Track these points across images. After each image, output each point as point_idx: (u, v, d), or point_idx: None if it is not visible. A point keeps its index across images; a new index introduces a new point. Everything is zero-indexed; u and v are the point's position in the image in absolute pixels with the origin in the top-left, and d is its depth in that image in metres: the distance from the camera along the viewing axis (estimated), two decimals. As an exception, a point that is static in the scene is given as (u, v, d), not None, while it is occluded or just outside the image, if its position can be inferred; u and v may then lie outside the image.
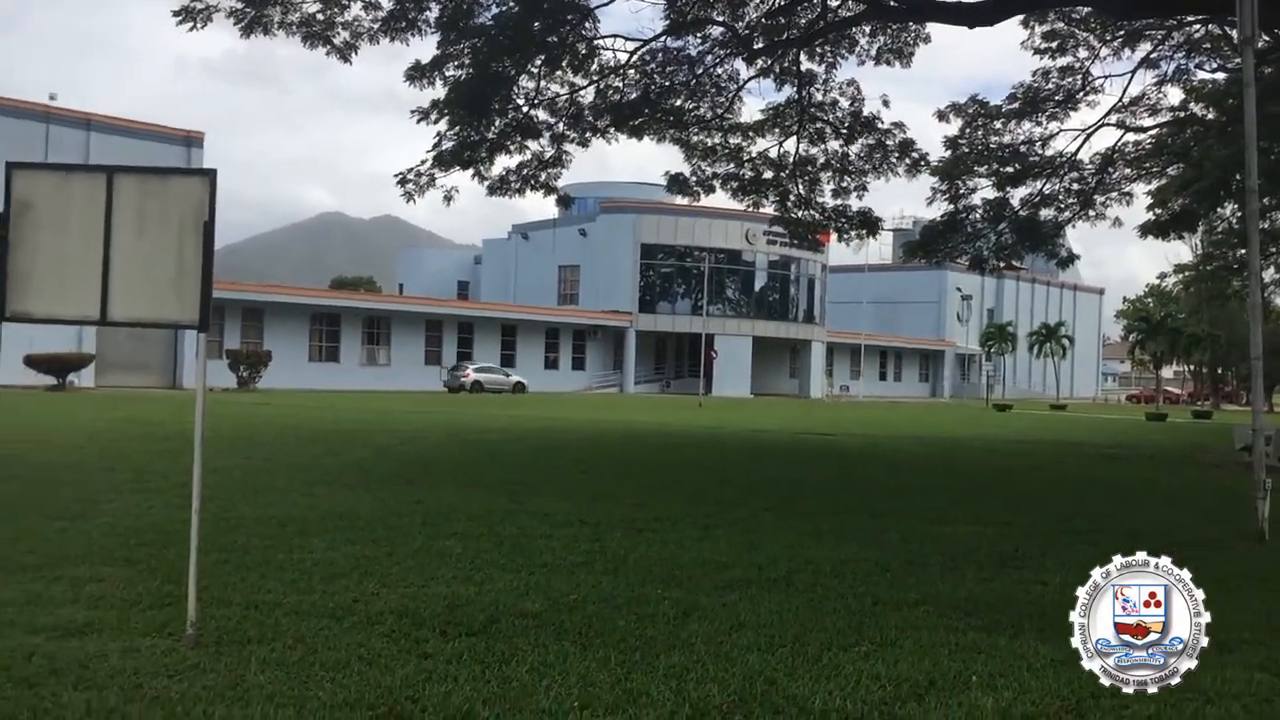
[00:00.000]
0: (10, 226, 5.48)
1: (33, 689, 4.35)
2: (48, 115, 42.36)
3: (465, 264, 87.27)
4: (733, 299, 72.66)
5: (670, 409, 40.95)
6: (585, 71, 19.11)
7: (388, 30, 16.50)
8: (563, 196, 21.70)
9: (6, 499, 5.60)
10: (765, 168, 22.56)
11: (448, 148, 18.39)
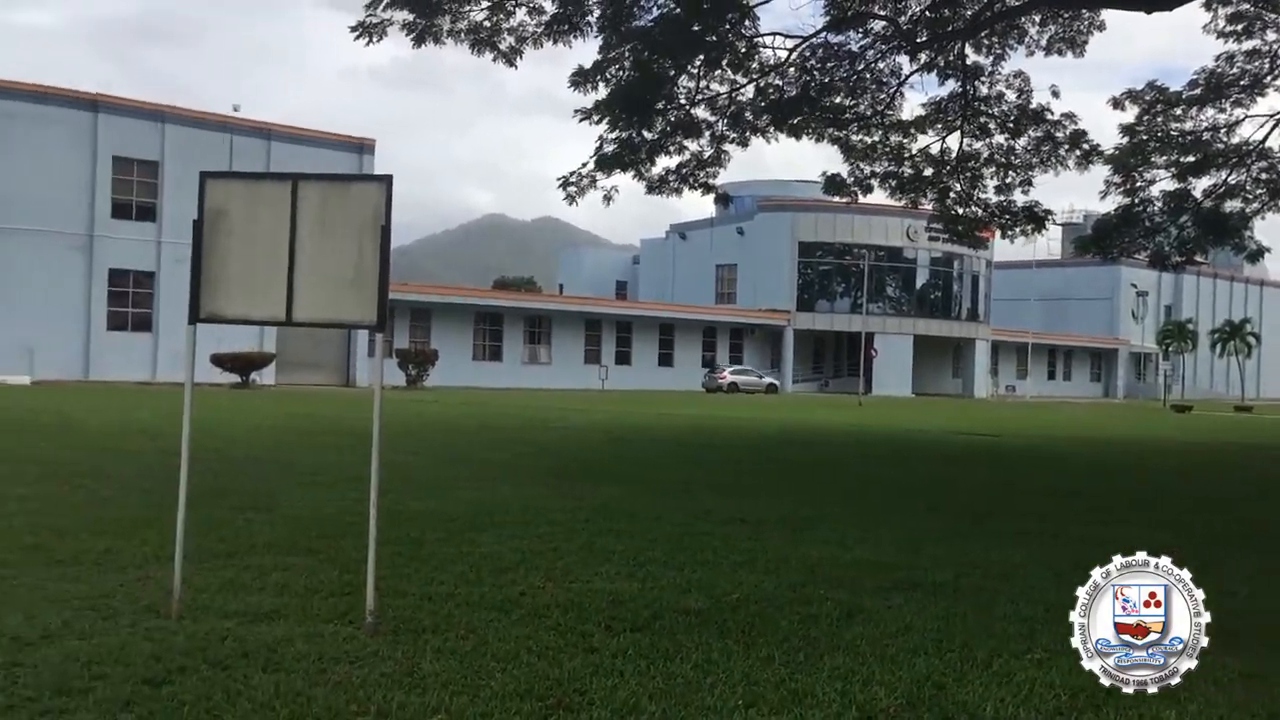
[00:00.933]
0: (204, 233, 5.81)
1: (225, 670, 4.60)
2: (232, 126, 44.65)
3: (623, 264, 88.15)
4: (893, 297, 71.41)
5: (829, 408, 40.51)
6: (745, 70, 19.07)
7: (551, 34, 16.80)
8: (721, 195, 21.69)
9: (200, 491, 5.99)
10: (925, 164, 22.08)
11: (609, 150, 18.61)
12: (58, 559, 6.72)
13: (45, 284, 39.92)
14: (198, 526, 7.39)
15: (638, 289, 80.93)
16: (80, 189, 41.06)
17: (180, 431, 5.89)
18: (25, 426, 16.97)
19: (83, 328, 41.25)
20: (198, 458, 5.91)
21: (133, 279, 42.67)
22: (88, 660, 4.64)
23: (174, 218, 42.15)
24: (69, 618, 5.33)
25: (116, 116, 42.03)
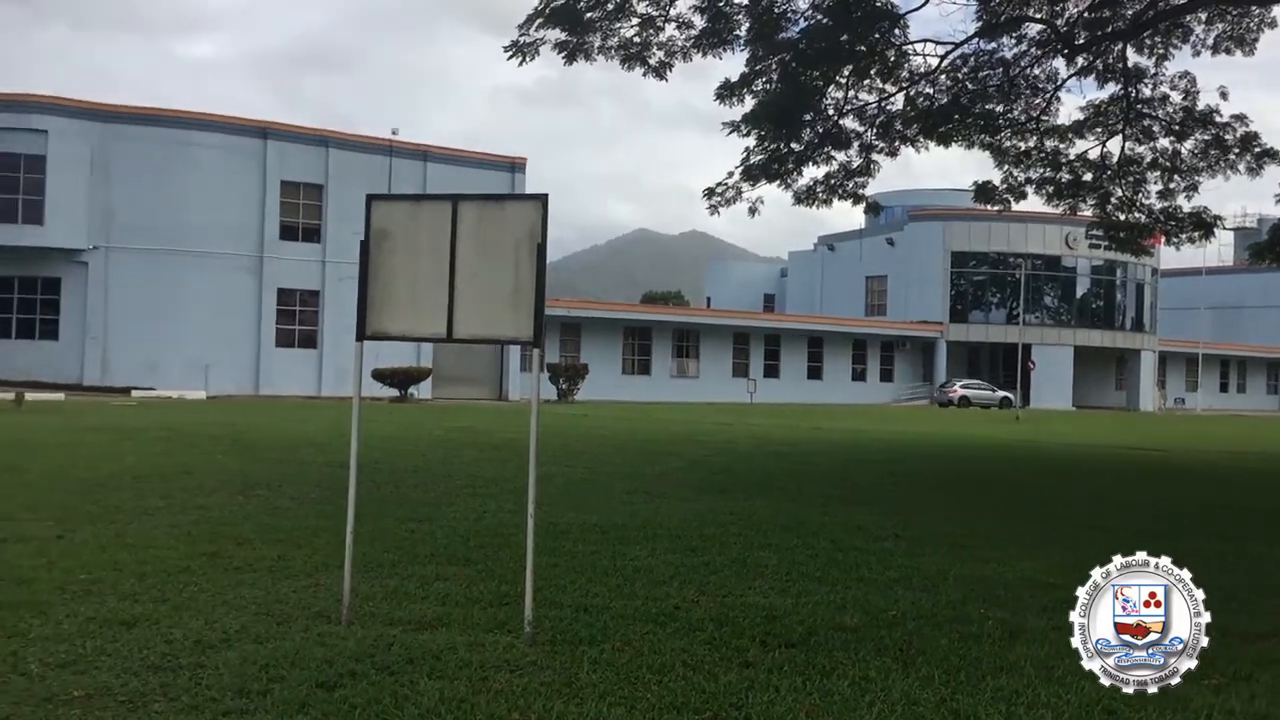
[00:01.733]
0: (370, 253, 6.04)
1: (393, 676, 4.76)
2: (391, 149, 46.22)
3: (771, 277, 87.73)
4: (1051, 307, 69.10)
5: (985, 422, 39.47)
6: (894, 78, 18.82)
7: (700, 47, 16.91)
8: (871, 204, 21.41)
9: (365, 502, 6.23)
10: (1084, 170, 21.35)
11: (756, 161, 18.60)
12: (235, 566, 7.06)
13: (219, 303, 41.99)
14: (364, 536, 7.66)
15: (785, 302, 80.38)
16: (251, 212, 43.10)
17: (345, 444, 6.13)
18: (203, 439, 17.87)
19: (253, 344, 43.22)
20: (363, 469, 6.13)
21: (299, 298, 44.50)
22: (265, 663, 4.86)
23: (337, 238, 43.82)
24: (246, 622, 5.60)
25: (284, 143, 43.98)
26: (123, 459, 14.03)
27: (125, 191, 40.96)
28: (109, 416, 24.06)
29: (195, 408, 30.87)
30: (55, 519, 8.75)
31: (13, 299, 40.96)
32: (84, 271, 40.75)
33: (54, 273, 40.79)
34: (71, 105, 41.17)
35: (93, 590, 6.22)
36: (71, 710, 4.23)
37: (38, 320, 41.05)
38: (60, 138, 40.20)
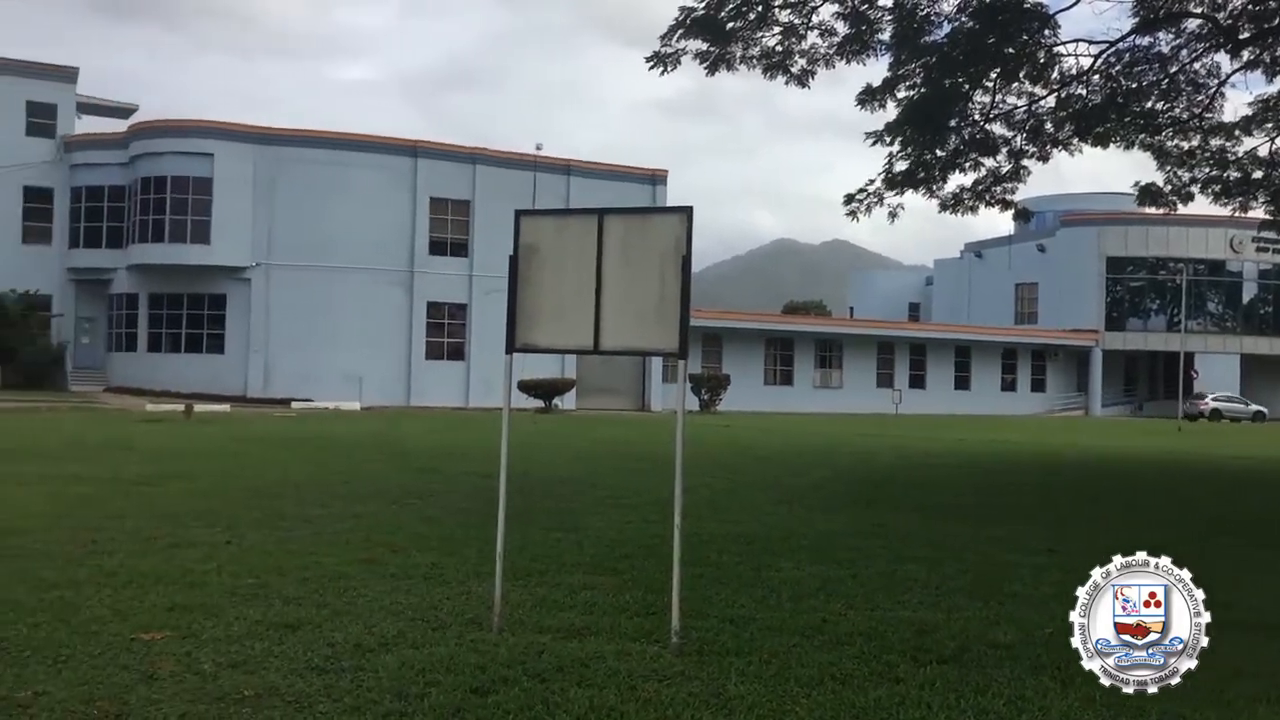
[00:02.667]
0: (519, 267, 6.17)
1: (544, 683, 4.84)
2: (535, 164, 47.09)
3: (915, 285, 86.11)
4: (1215, 313, 66.02)
5: (1141, 433, 37.92)
6: (1045, 80, 18.26)
7: (842, 54, 16.74)
8: (1021, 210, 20.83)
9: (514, 512, 6.36)
10: (1254, 167, 20.36)
11: (899, 169, 18.30)
12: (391, 573, 7.28)
13: (372, 317, 43.43)
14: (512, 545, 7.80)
15: (931, 310, 78.79)
16: (402, 229, 44.46)
17: (492, 454, 6.26)
18: (358, 450, 18.49)
19: (404, 357, 44.53)
20: (510, 479, 6.26)
21: (447, 311, 45.68)
22: (421, 668, 5.00)
23: (483, 253, 44.84)
24: (402, 628, 5.77)
25: (433, 160, 45.26)
26: (284, 468, 14.62)
27: (285, 211, 42.74)
28: (270, 427, 25.10)
29: (350, 418, 31.95)
30: (223, 525, 9.17)
31: (182, 315, 43.14)
32: (247, 288, 42.65)
33: (219, 290, 42.81)
34: (235, 129, 43.18)
35: (259, 594, 6.50)
36: (243, 709, 4.43)
37: (205, 335, 43.13)
38: (225, 161, 42.22)
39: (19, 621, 5.66)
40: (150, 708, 4.41)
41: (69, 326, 46.07)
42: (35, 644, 5.26)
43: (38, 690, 4.57)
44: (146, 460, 15.19)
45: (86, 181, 45.36)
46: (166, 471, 13.63)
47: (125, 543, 8.16)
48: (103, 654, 5.13)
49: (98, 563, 7.30)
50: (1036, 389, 64.12)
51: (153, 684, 4.70)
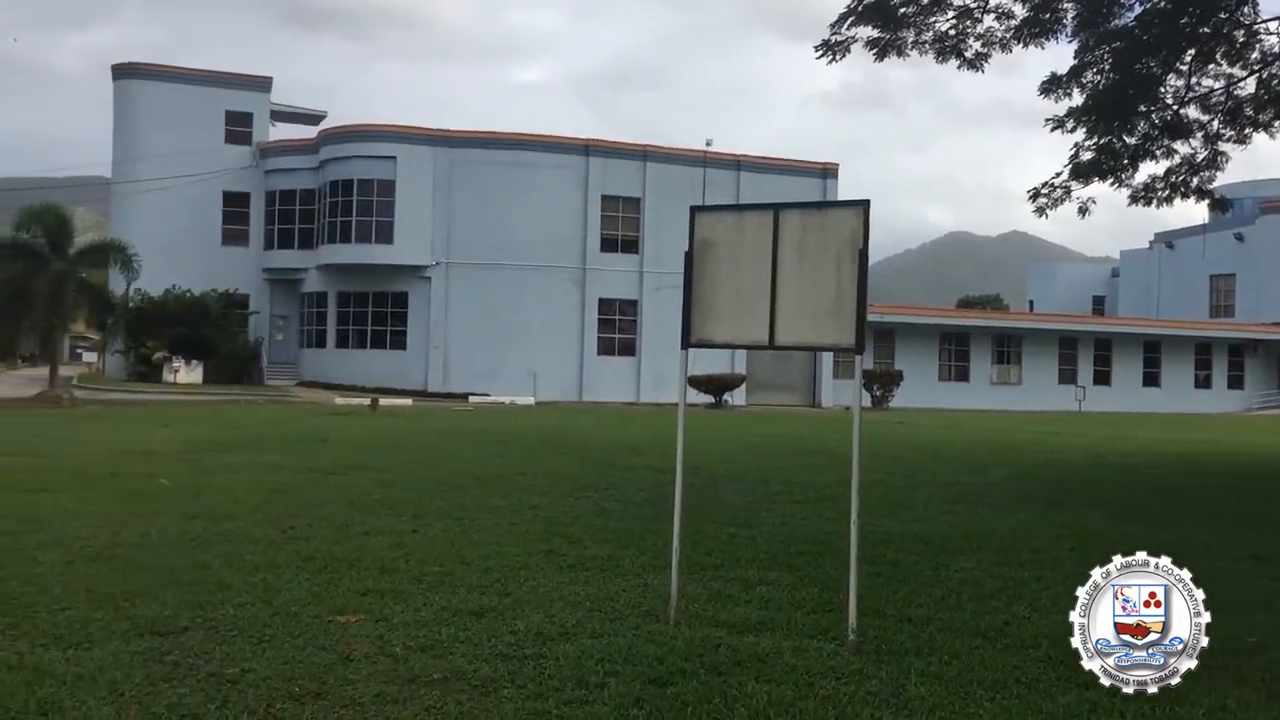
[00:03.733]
0: (694, 263, 6.20)
1: (721, 677, 4.87)
2: (705, 160, 47.19)
3: (1100, 278, 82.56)
4: None
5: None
6: (1243, 61, 17.26)
7: (1020, 38, 16.21)
8: (1219, 199, 19.74)
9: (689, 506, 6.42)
10: None
11: (1085, 158, 17.58)
12: (569, 564, 7.43)
13: (547, 314, 44.31)
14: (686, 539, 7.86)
15: (1117, 304, 75.39)
16: (575, 227, 45.22)
17: (665, 449, 6.32)
18: (535, 443, 18.91)
19: (577, 353, 45.29)
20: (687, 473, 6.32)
21: (618, 307, 46.24)
22: (601, 658, 5.10)
23: (654, 249, 45.22)
24: (581, 618, 5.89)
25: (605, 159, 45.88)
26: (465, 460, 15.08)
27: (463, 210, 44.03)
28: (450, 421, 25.93)
29: (525, 413, 32.72)
30: (410, 514, 9.53)
31: (367, 312, 44.96)
32: (427, 286, 44.12)
33: (402, 288, 44.41)
34: (416, 132, 44.71)
35: (445, 581, 6.73)
36: (432, 691, 4.60)
37: (388, 332, 44.83)
38: (407, 163, 43.77)
39: (227, 602, 6.02)
40: (347, 687, 4.63)
41: (264, 324, 48.61)
42: (241, 624, 5.58)
43: (245, 667, 4.85)
44: (337, 451, 15.90)
45: (280, 186, 47.77)
46: (355, 462, 14.25)
47: (320, 529, 8.58)
48: (302, 635, 5.41)
49: (295, 548, 7.69)
50: (1234, 386, 60.59)
51: (348, 665, 4.94)
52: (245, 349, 46.57)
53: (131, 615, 5.67)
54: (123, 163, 47.68)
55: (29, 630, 5.35)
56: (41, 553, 7.30)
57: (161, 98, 47.23)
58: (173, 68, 49.32)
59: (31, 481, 11.20)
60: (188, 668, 4.82)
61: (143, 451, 15.04)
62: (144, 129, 47.04)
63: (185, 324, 43.87)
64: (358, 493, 10.99)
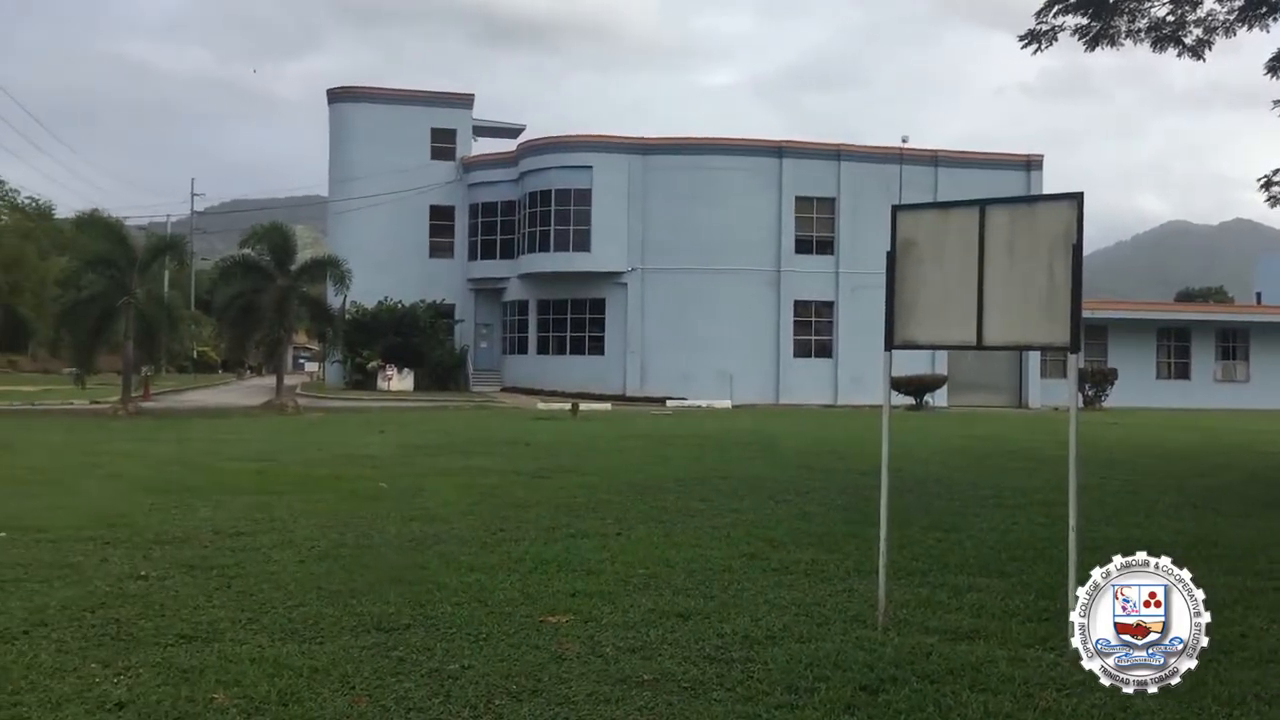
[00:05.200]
0: (896, 263, 6.09)
1: (934, 685, 4.76)
2: (901, 156, 46.22)
3: (1338, 265, 76.60)
4: None
5: None
6: None
7: (1245, 19, 15.25)
8: None
9: (894, 509, 6.29)
10: None
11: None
12: (772, 567, 7.41)
13: (742, 317, 44.30)
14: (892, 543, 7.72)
15: (1358, 293, 69.80)
16: (769, 229, 45.04)
17: (864, 452, 6.23)
18: (733, 446, 18.93)
19: (772, 355, 45.08)
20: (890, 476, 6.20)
21: (814, 309, 45.77)
22: (809, 663, 5.06)
23: (849, 249, 44.62)
24: (788, 622, 5.86)
25: (797, 159, 45.52)
26: (664, 463, 15.24)
27: (657, 216, 44.50)
28: (648, 425, 26.24)
29: (722, 416, 32.79)
30: (613, 517, 9.70)
31: (566, 319, 46.00)
32: (624, 292, 44.79)
33: (599, 294, 45.24)
34: (611, 141, 45.46)
35: (650, 584, 6.82)
36: (643, 692, 4.67)
37: (587, 337, 45.74)
38: (603, 171, 44.55)
39: (444, 601, 6.26)
40: (560, 685, 4.75)
41: (469, 332, 50.37)
42: (458, 622, 5.80)
43: (464, 664, 5.04)
44: (541, 455, 16.32)
45: (482, 198, 49.42)
46: (559, 465, 14.59)
47: (529, 531, 8.82)
48: (515, 633, 5.58)
49: (506, 549, 7.94)
50: None
51: (561, 664, 5.06)
52: (452, 357, 48.32)
53: (358, 612, 5.97)
54: (338, 182, 50.30)
55: (268, 625, 5.71)
56: (275, 552, 7.77)
57: (372, 118, 49.62)
58: (382, 90, 51.71)
59: (264, 484, 11.93)
60: (411, 663, 5.05)
61: (361, 456, 15.82)
62: (357, 149, 49.51)
63: (397, 333, 45.91)
64: (563, 496, 11.25)
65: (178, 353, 52.71)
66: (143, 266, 29.82)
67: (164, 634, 5.47)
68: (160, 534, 8.42)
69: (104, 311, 28.58)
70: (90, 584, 6.59)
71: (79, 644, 5.28)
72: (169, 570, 7.04)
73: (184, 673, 4.83)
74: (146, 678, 4.75)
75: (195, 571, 7.02)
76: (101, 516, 9.24)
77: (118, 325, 28.85)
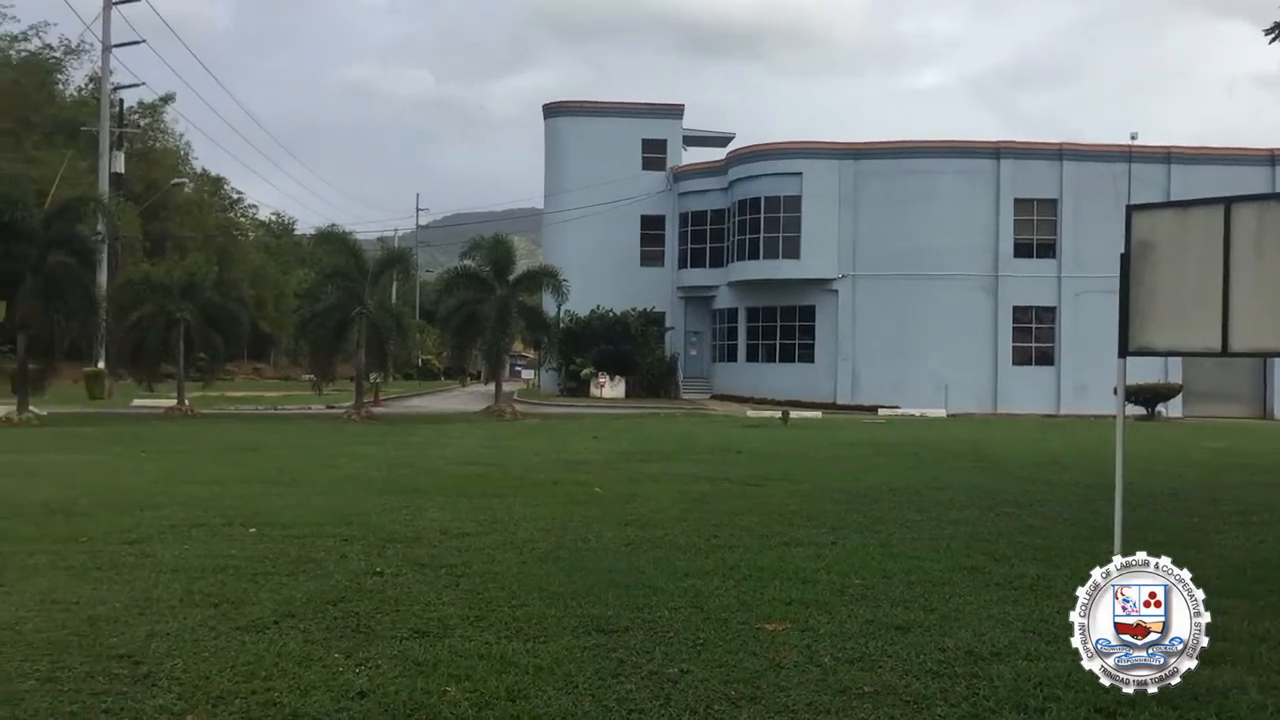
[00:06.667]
0: (1131, 266, 5.81)
1: (1176, 710, 4.49)
2: (1129, 154, 43.91)
3: None
4: None
5: None
6: None
7: None
8: None
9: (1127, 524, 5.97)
10: None
11: None
12: (995, 581, 7.18)
13: (957, 323, 43.04)
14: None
15: None
16: (985, 232, 43.61)
17: (1091, 463, 5.95)
18: (949, 456, 18.42)
19: (990, 363, 43.60)
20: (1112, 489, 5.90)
21: (1034, 314, 44.04)
22: (1038, 681, 4.88)
23: (1072, 252, 42.76)
24: (1013, 639, 5.66)
25: (1016, 160, 43.90)
26: (878, 472, 14.97)
27: (868, 221, 43.80)
28: (861, 433, 25.83)
29: (937, 425, 31.94)
30: (828, 526, 9.60)
31: (776, 326, 45.83)
32: (834, 299, 44.27)
33: (809, 301, 44.85)
34: (820, 147, 45.05)
35: (867, 594, 6.72)
36: (864, 704, 4.61)
37: (796, 345, 45.43)
38: (812, 178, 44.19)
39: (661, 605, 6.35)
40: (779, 693, 4.74)
41: (679, 340, 50.85)
42: (676, 626, 5.87)
43: (682, 668, 5.10)
44: (752, 463, 16.31)
45: (692, 207, 49.85)
46: (770, 473, 14.55)
47: (742, 538, 8.84)
48: (732, 640, 5.60)
49: (721, 556, 7.98)
50: None
51: (779, 672, 5.05)
52: (662, 364, 48.89)
53: (579, 614, 6.12)
54: (553, 194, 51.73)
55: (493, 623, 5.93)
56: (498, 552, 8.05)
57: (586, 131, 50.83)
58: (595, 103, 52.89)
59: (486, 487, 12.38)
60: (631, 665, 5.14)
61: (576, 461, 16.20)
62: (571, 161, 50.82)
63: (609, 341, 46.81)
64: (775, 503, 11.21)
65: (404, 360, 55.26)
66: (373, 278, 31.47)
67: (399, 628, 5.76)
68: (392, 533, 8.86)
69: (340, 321, 30.31)
70: (331, 578, 7.00)
71: (323, 634, 5.61)
72: (401, 567, 7.39)
73: (418, 666, 5.07)
74: (385, 669, 5.01)
75: (425, 569, 7.34)
76: (339, 515, 9.80)
77: (351, 334, 30.53)
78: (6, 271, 24.53)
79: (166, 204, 61.40)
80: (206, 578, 6.96)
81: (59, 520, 9.30)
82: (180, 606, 6.19)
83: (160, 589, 6.63)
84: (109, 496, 10.96)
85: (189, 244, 61.49)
